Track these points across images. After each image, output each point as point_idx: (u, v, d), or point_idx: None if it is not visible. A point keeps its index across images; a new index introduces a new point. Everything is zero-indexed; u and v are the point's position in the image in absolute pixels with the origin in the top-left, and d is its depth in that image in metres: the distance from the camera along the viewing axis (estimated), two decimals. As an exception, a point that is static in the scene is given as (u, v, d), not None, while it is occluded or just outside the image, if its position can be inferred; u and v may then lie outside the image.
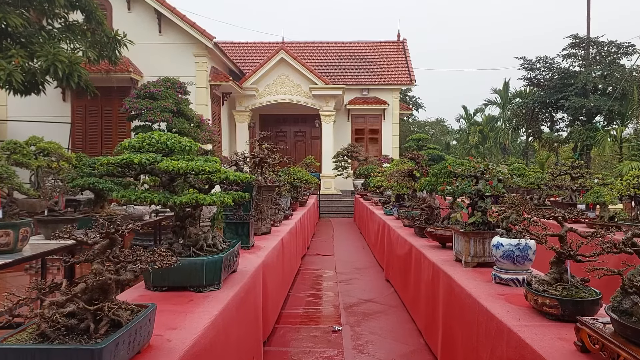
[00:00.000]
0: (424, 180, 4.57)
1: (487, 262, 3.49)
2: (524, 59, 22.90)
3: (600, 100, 19.32)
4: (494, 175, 3.59)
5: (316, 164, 15.52)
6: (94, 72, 13.04)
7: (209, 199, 2.68)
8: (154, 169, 2.83)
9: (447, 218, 4.39)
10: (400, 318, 4.78)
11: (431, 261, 3.86)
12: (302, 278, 6.57)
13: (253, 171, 5.22)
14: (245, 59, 20.85)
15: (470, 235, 3.48)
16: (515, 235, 2.99)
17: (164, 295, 2.73)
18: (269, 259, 4.11)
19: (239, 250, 3.38)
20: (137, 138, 2.99)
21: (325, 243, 9.88)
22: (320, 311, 5.07)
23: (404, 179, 6.24)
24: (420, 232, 5.02)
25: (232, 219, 4.16)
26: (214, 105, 15.20)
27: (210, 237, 3.06)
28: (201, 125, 10.95)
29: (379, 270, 7.00)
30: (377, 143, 19.84)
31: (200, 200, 2.65)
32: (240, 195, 3.26)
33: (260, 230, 5.08)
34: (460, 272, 3.36)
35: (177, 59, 13.87)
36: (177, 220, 2.95)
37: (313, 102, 17.21)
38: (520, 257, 2.94)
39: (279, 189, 6.45)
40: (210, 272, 2.81)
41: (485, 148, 31.17)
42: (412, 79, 19.90)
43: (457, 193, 3.59)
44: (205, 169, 2.74)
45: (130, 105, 8.77)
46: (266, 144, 5.41)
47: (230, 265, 3.09)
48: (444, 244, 4.34)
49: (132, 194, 2.70)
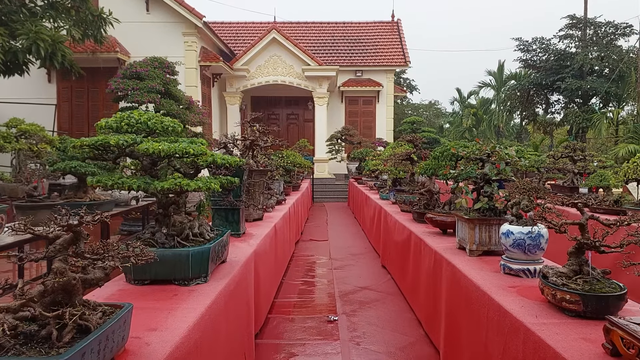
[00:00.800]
0: (424, 164, 4.34)
1: (494, 250, 3.29)
2: (519, 40, 22.56)
3: (597, 82, 19.09)
4: (502, 158, 3.36)
5: (309, 148, 15.24)
6: (80, 52, 12.59)
7: (193, 185, 2.43)
8: (134, 151, 2.58)
9: (448, 203, 4.17)
10: (398, 307, 4.59)
11: (432, 249, 3.66)
12: (296, 265, 6.37)
13: (244, 154, 4.96)
14: (237, 40, 20.34)
15: (476, 222, 3.27)
16: (526, 222, 2.78)
17: (145, 290, 2.50)
18: (261, 248, 3.88)
19: (229, 239, 3.15)
20: (115, 117, 2.73)
21: (319, 228, 9.68)
22: (315, 299, 4.88)
23: (401, 163, 6.01)
24: (419, 218, 4.81)
25: (221, 205, 3.91)
26: (203, 86, 14.81)
27: (196, 226, 2.82)
28: (191, 107, 10.61)
29: (375, 257, 6.82)
30: (371, 126, 19.57)
31: (184, 186, 2.41)
32: (230, 181, 3.02)
33: (252, 216, 4.85)
34: (465, 262, 3.16)
35: (165, 38, 13.42)
36: (159, 207, 2.70)
37: (306, 83, 16.84)
38: (532, 246, 2.74)
39: (272, 173, 6.20)
40: (197, 264, 2.58)
41: (479, 131, 30.98)
42: (407, 60, 19.55)
43: (462, 177, 3.37)
44: (189, 151, 2.48)
45: (116, 85, 8.42)
46: (258, 125, 5.14)
47: (219, 255, 2.86)
48: (445, 230, 4.13)
49: (108, 180, 2.44)
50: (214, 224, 3.99)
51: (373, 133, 19.13)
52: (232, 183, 3.06)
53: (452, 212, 3.70)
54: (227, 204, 3.89)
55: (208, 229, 2.95)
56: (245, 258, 3.27)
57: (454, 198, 4.15)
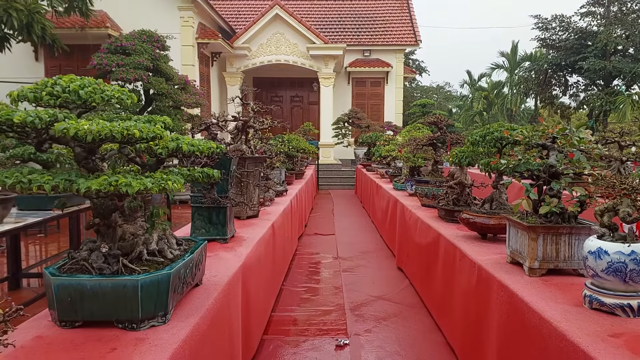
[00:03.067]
0: (458, 151, 3.48)
1: (562, 268, 2.45)
2: (538, 18, 21.27)
3: (622, 62, 17.91)
4: (573, 144, 2.50)
5: (314, 131, 14.37)
6: (67, 27, 11.72)
7: (137, 185, 1.59)
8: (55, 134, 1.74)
9: (489, 201, 3.32)
10: (422, 324, 3.78)
11: (474, 262, 2.82)
12: (299, 265, 5.56)
13: (235, 138, 4.11)
14: (239, 17, 19.31)
15: (539, 231, 2.42)
16: (626, 237, 1.93)
17: (73, 337, 1.69)
18: (253, 257, 3.06)
19: (205, 253, 2.32)
20: (34, 85, 1.91)
21: (325, 220, 8.86)
22: (320, 313, 4.07)
23: (421, 149, 5.15)
24: (447, 216, 3.97)
25: (202, 203, 3.08)
26: (202, 65, 13.89)
27: (153, 240, 1.99)
28: (186, 87, 9.73)
29: (389, 255, 6.00)
30: (379, 109, 18.61)
31: (120, 187, 1.56)
32: (207, 175, 2.19)
33: (246, 213, 4.02)
34: (525, 285, 2.32)
35: (159, 13, 12.48)
36: (96, 216, 1.87)
37: (311, 63, 15.86)
38: (636, 273, 1.89)
39: (271, 160, 5.36)
40: (150, 298, 1.76)
41: (491, 115, 29.87)
42: (418, 39, 18.49)
43: (521, 168, 2.51)
44: (133, 133, 1.64)
45: (99, 61, 7.54)
46: (252, 103, 4.28)
47: (187, 280, 2.04)
48: (485, 235, 3.29)
49: (8, 177, 1.61)
50: (194, 226, 3.17)
51: (381, 116, 18.19)
52: (210, 177, 2.23)
53: (502, 214, 2.84)
54: (210, 201, 3.05)
55: (173, 242, 2.12)
56: (229, 277, 2.45)
57: (496, 194, 3.30)
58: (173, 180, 1.74)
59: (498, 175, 3.27)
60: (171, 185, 1.70)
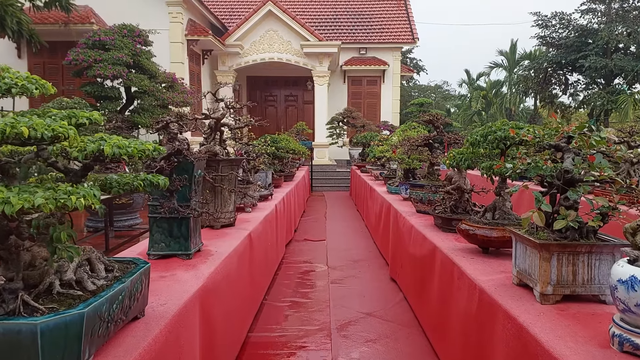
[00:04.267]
0: (456, 152, 3.07)
1: (580, 294, 2.05)
2: (538, 15, 20.87)
3: (624, 60, 17.50)
4: (592, 145, 2.10)
5: (308, 131, 13.96)
6: (50, 22, 11.30)
7: (17, 202, 1.17)
8: None
9: (491, 209, 2.91)
10: (415, 347, 3.38)
11: (475, 283, 2.41)
12: (285, 276, 5.14)
13: (208, 138, 3.70)
14: (232, 15, 18.87)
15: (553, 249, 2.02)
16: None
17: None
18: (218, 275, 2.64)
19: (147, 278, 1.91)
20: None
21: (317, 224, 8.45)
22: (303, 332, 3.65)
23: (416, 149, 4.74)
24: (444, 225, 3.57)
25: (159, 214, 2.66)
26: (192, 63, 13.46)
27: (72, 267, 1.58)
28: (174, 85, 9.31)
29: (382, 264, 5.59)
30: (375, 108, 18.20)
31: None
32: (147, 184, 1.78)
33: (219, 222, 3.61)
34: (537, 315, 1.92)
35: (147, 8, 12.03)
36: (-13, 238, 1.46)
37: (305, 61, 15.44)
38: (681, 310, 1.49)
39: (254, 162, 4.94)
40: (55, 348, 1.35)
41: (489, 114, 29.47)
42: (415, 37, 18.08)
43: (530, 173, 2.11)
44: (20, 131, 1.22)
45: (75, 56, 7.11)
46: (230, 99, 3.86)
47: (115, 318, 1.62)
48: (487, 248, 2.89)
49: None
50: (152, 241, 2.75)
51: (377, 116, 17.78)
52: (155, 185, 1.82)
53: (507, 228, 2.44)
54: (169, 211, 2.64)
55: (101, 267, 1.70)
56: (180, 305, 2.03)
57: (499, 202, 2.89)
58: (82, 195, 1.33)
59: (501, 181, 2.86)
60: (75, 201, 1.28)
